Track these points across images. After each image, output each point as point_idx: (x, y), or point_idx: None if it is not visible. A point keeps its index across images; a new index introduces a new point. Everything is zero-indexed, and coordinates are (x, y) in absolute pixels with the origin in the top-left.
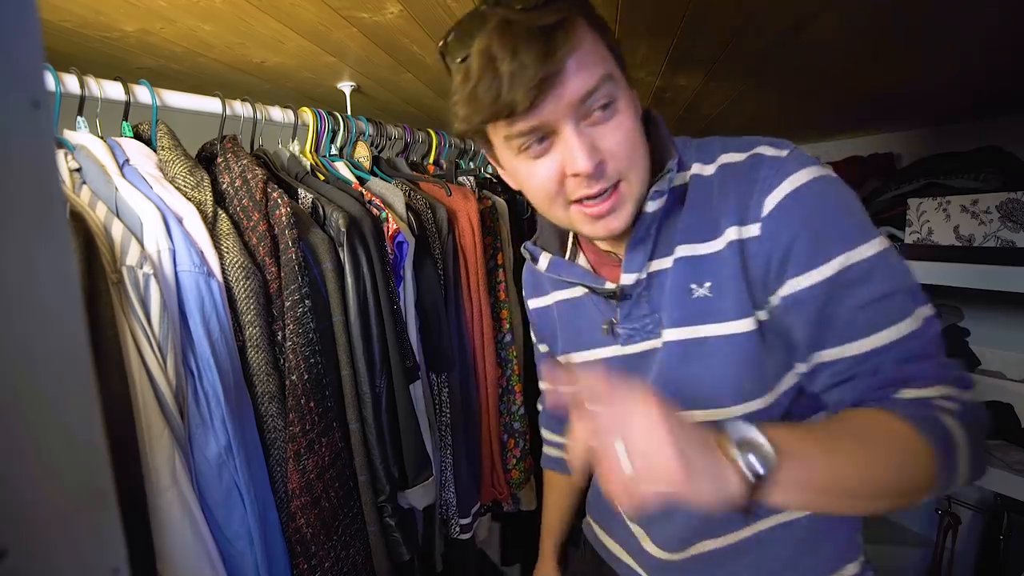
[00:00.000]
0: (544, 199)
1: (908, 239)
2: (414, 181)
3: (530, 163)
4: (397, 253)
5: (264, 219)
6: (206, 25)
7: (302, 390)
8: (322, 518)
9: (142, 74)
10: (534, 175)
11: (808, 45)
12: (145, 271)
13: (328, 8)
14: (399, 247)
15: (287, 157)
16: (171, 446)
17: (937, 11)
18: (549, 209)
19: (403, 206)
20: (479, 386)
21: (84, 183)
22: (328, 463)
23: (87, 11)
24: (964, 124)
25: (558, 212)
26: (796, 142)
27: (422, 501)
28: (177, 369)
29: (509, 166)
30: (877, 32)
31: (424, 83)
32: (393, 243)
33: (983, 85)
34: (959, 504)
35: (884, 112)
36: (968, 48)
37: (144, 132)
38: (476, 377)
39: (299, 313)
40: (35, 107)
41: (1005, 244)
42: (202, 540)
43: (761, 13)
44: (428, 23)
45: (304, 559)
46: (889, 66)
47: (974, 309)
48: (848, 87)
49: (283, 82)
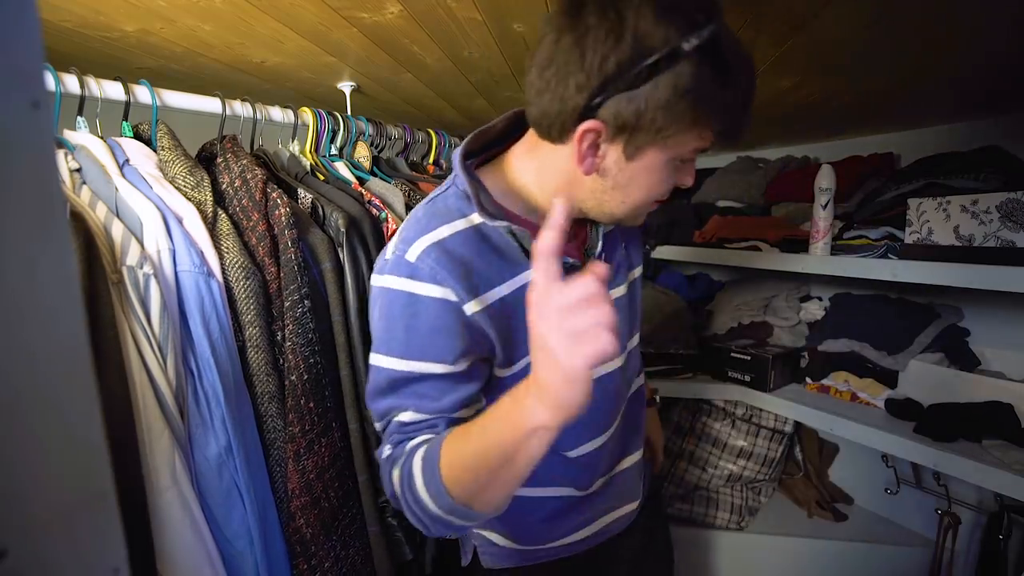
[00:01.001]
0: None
1: (908, 239)
2: (413, 181)
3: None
4: None
5: (264, 219)
6: (206, 25)
7: (302, 390)
8: (322, 518)
9: (142, 74)
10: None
11: (808, 45)
12: (145, 271)
13: (328, 8)
14: None
15: (287, 157)
16: (171, 446)
17: (938, 11)
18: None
19: (403, 206)
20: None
21: (84, 183)
22: (328, 463)
23: (87, 11)
24: (964, 124)
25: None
26: (796, 142)
27: None
28: (177, 369)
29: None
30: (881, 30)
31: (424, 83)
32: None
33: (984, 84)
34: (959, 504)
35: (885, 112)
36: (968, 48)
37: (144, 132)
38: None
39: (299, 313)
40: (35, 107)
41: (1005, 244)
42: (202, 540)
43: (761, 12)
44: (428, 23)
45: (304, 559)
46: (890, 65)
47: (974, 309)
48: (849, 87)
49: (283, 82)
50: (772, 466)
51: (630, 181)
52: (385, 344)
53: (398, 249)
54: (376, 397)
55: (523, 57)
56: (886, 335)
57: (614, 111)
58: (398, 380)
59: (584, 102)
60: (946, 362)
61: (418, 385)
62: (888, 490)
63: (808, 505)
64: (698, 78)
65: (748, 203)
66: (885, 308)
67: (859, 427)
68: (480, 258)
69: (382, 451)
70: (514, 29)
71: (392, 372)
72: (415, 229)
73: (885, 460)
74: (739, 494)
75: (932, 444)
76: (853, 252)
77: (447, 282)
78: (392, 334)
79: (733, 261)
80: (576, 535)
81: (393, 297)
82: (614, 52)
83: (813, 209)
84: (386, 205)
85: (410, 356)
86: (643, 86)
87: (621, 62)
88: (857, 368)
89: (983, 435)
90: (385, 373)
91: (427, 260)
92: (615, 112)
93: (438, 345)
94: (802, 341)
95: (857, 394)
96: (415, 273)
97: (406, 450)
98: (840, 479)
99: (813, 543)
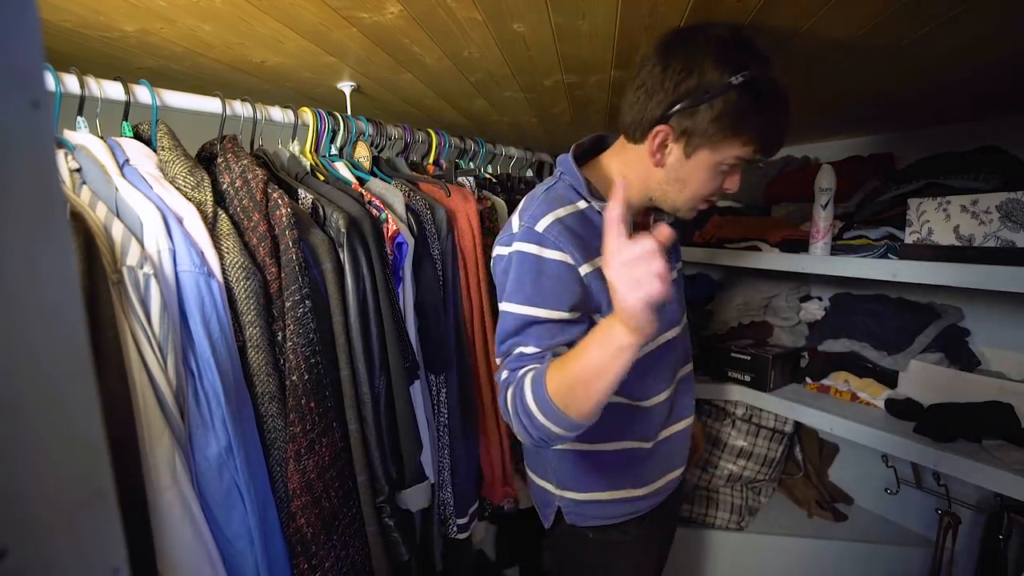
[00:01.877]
0: (699, 194)
1: (908, 239)
2: (413, 181)
3: (716, 173)
4: (396, 254)
5: (264, 219)
6: (206, 25)
7: (302, 390)
8: (323, 518)
9: (142, 74)
10: (712, 180)
11: (809, 44)
12: (145, 271)
13: (328, 8)
14: (398, 248)
15: (287, 157)
16: (171, 446)
17: (938, 10)
18: (695, 199)
19: (403, 207)
20: (478, 386)
21: (84, 183)
22: (328, 463)
23: (87, 11)
24: (964, 124)
25: (693, 203)
26: (796, 142)
27: (418, 503)
28: (177, 369)
29: (700, 162)
30: (883, 32)
31: (424, 83)
32: (393, 244)
33: (983, 85)
34: (959, 504)
35: (884, 112)
36: (968, 47)
37: (144, 132)
38: (475, 377)
39: (299, 314)
40: (35, 107)
41: (1005, 244)
42: (202, 540)
43: (762, 11)
44: (428, 23)
45: (304, 559)
46: (891, 66)
47: (974, 309)
48: (849, 87)
49: (283, 82)
50: (772, 466)
51: (688, 176)
52: (516, 294)
53: (527, 223)
54: (505, 338)
55: (523, 57)
56: (886, 335)
57: (679, 120)
58: (522, 323)
59: (660, 113)
60: (946, 362)
61: (538, 327)
62: (888, 490)
63: (808, 505)
64: (740, 104)
65: (748, 203)
66: (885, 308)
67: (859, 427)
68: (587, 234)
69: (499, 375)
70: (514, 29)
71: (519, 316)
72: (541, 208)
73: (885, 460)
74: (739, 494)
75: (932, 444)
76: (853, 252)
77: (566, 248)
78: (521, 286)
79: (733, 261)
80: (645, 488)
81: (523, 258)
82: (685, 82)
83: (813, 209)
84: (386, 206)
85: (534, 304)
86: (701, 106)
87: (690, 89)
88: (857, 368)
89: (983, 435)
90: (512, 317)
91: (552, 231)
92: (680, 121)
93: (557, 295)
94: (802, 341)
95: (857, 394)
96: (542, 241)
97: (519, 376)
98: (840, 479)
99: (813, 543)
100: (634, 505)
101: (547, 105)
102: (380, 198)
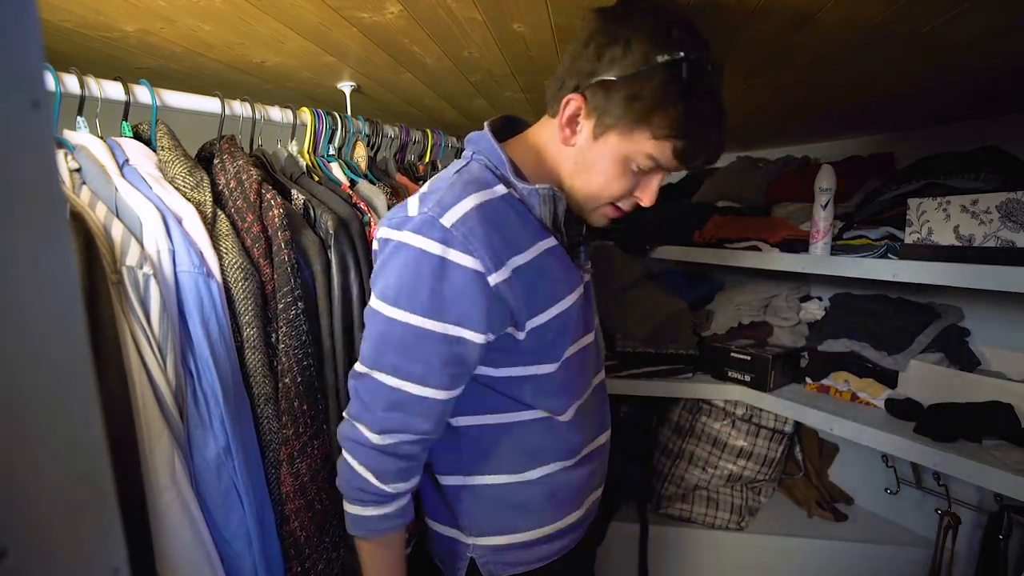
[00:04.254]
0: (603, 190)
1: (908, 239)
2: (395, 188)
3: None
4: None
5: (258, 220)
6: (206, 25)
7: (295, 392)
8: (316, 520)
9: (142, 74)
10: (620, 178)
11: (809, 44)
12: (145, 271)
13: (328, 8)
14: None
15: (285, 157)
16: (170, 447)
17: (939, 10)
18: (597, 195)
19: (385, 209)
20: None
21: (84, 183)
22: (320, 465)
23: (87, 11)
24: (964, 124)
25: (595, 201)
26: (796, 142)
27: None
28: (176, 370)
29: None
30: (882, 31)
31: (424, 83)
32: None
33: (983, 85)
34: (959, 504)
35: (884, 112)
36: (969, 46)
37: (144, 132)
38: None
39: (292, 315)
40: (35, 107)
41: (1005, 244)
42: (201, 541)
43: (762, 11)
44: (428, 23)
45: (297, 562)
46: (891, 66)
47: (974, 309)
48: (849, 86)
49: (283, 82)
50: (772, 466)
51: (592, 162)
52: (405, 300)
53: (431, 211)
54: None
55: (523, 57)
56: (886, 335)
57: (593, 93)
58: (410, 337)
59: (576, 81)
60: (946, 362)
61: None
62: (888, 490)
63: (808, 505)
64: (660, 89)
65: (748, 203)
66: (885, 308)
67: (859, 427)
68: (504, 228)
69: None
70: (514, 29)
71: (407, 327)
72: (451, 195)
73: (885, 460)
74: (739, 494)
75: (932, 444)
76: (853, 252)
77: (477, 252)
78: (414, 293)
79: (733, 261)
80: (574, 515)
81: (419, 256)
82: (608, 50)
83: (813, 209)
84: (371, 208)
85: (431, 316)
86: (619, 81)
87: (613, 59)
88: (857, 368)
89: (983, 435)
90: (398, 326)
91: (462, 228)
92: (594, 93)
93: (462, 311)
94: (802, 341)
95: (857, 394)
96: (448, 239)
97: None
98: (840, 479)
99: (813, 543)
100: (565, 539)
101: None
102: (366, 200)
